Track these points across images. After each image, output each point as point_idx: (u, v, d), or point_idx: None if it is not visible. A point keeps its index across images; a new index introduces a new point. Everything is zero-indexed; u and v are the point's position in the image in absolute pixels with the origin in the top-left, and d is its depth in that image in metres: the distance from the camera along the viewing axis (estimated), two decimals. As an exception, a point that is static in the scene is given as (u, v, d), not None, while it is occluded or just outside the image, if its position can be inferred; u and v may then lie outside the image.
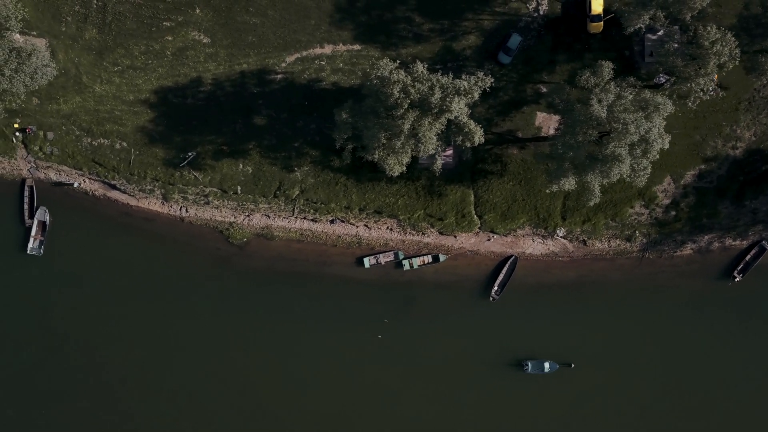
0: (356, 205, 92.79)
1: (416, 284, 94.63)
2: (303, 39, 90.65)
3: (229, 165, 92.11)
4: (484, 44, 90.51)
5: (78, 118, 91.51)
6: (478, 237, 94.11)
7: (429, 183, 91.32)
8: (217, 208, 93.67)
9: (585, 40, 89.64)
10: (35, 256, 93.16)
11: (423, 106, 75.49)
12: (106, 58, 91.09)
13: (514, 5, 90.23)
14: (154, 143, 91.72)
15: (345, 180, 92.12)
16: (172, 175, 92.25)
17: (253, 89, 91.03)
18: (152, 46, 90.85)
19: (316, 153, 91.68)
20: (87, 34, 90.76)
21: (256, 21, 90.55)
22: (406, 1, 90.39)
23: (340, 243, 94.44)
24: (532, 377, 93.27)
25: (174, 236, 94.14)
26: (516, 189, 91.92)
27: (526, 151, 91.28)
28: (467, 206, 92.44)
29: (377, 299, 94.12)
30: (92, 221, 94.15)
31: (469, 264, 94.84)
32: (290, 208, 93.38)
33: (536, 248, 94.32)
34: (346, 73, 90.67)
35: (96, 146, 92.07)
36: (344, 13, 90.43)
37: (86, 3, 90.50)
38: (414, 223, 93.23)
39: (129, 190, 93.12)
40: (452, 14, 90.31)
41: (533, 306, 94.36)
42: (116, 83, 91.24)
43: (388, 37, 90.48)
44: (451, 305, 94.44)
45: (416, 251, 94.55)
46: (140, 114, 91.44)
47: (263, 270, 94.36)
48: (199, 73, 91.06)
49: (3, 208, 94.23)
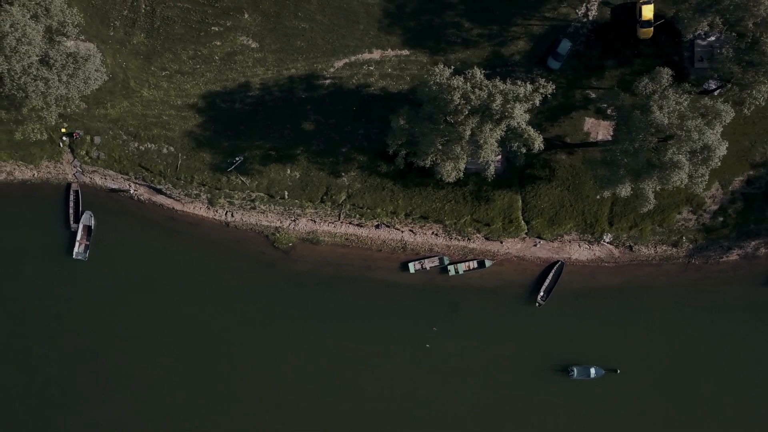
0: (402, 210, 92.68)
1: (461, 290, 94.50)
2: (352, 44, 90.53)
3: (277, 170, 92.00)
4: (532, 49, 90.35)
5: (125, 122, 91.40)
6: (525, 242, 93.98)
7: (477, 188, 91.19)
8: (263, 213, 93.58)
9: (634, 45, 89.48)
10: (81, 260, 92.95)
11: (483, 113, 75.28)
12: (154, 62, 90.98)
13: (563, 10, 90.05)
14: (202, 148, 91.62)
15: (392, 185, 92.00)
16: (219, 179, 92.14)
17: (301, 94, 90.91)
18: (200, 51, 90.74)
19: (364, 158, 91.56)
20: (135, 38, 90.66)
21: (304, 26, 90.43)
22: (455, 6, 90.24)
23: (384, 248, 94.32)
24: (578, 383, 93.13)
25: (219, 241, 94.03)
26: (564, 194, 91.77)
27: (574, 157, 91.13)
28: (515, 211, 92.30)
29: (422, 305, 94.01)
30: (137, 225, 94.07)
31: (515, 269, 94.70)
32: (336, 213, 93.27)
33: (582, 254, 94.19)
34: (394, 78, 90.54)
35: (143, 151, 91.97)
36: (393, 18, 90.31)
37: (135, 8, 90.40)
38: (460, 229, 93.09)
39: (175, 194, 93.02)
40: (501, 19, 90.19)
41: (579, 311, 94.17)
42: (164, 88, 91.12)
43: (437, 42, 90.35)
44: (497, 311, 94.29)
45: (461, 256, 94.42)
46: (188, 119, 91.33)
47: (308, 274, 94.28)
48: (248, 77, 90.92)
49: (48, 213, 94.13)
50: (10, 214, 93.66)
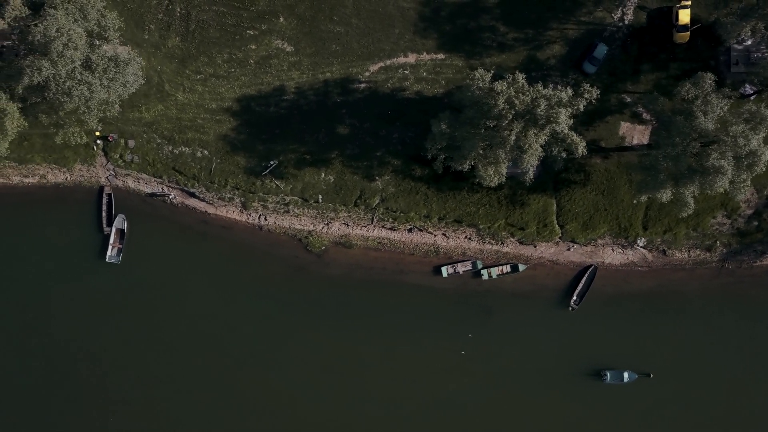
0: (436, 214, 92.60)
1: (494, 294, 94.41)
2: (387, 48, 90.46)
3: (311, 174, 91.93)
4: (568, 53, 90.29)
5: (160, 126, 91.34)
6: (558, 246, 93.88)
7: (511, 192, 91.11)
8: (297, 217, 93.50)
9: (670, 49, 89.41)
10: (114, 264, 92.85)
11: (527, 118, 75.22)
12: (189, 66, 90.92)
13: (599, 14, 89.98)
14: (236, 151, 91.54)
15: (426, 189, 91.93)
16: (253, 183, 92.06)
17: (336, 98, 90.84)
18: (235, 55, 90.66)
19: (398, 162, 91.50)
20: (170, 42, 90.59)
21: (340, 30, 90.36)
22: (491, 10, 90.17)
23: (417, 252, 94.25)
24: (611, 387, 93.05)
25: (252, 244, 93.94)
26: (598, 198, 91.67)
27: (609, 161, 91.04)
28: (549, 216, 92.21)
29: (455, 309, 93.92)
30: (170, 229, 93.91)
31: (548, 274, 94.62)
32: (369, 217, 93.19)
33: (616, 258, 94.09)
34: (429, 82, 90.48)
35: (177, 154, 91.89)
36: (428, 22, 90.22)
37: (170, 11, 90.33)
38: (494, 233, 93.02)
39: (208, 198, 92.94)
40: (537, 23, 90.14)
41: (612, 316, 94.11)
42: (199, 91, 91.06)
43: (473, 45, 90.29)
44: (530, 315, 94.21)
45: (495, 261, 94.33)
46: (222, 122, 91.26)
47: (341, 278, 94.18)
48: (283, 81, 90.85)
49: (81, 216, 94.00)
50: (43, 217, 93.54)
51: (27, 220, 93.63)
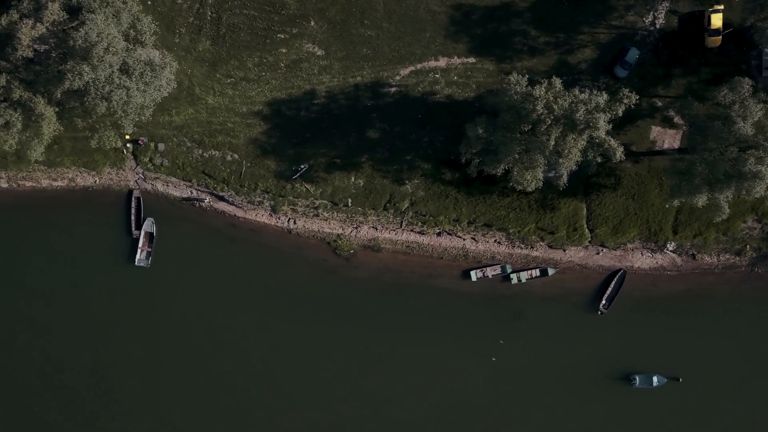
0: (465, 217, 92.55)
1: (523, 298, 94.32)
2: (418, 52, 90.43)
3: (341, 178, 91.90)
4: (599, 57, 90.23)
5: (190, 129, 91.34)
6: (588, 251, 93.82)
7: (542, 196, 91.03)
8: (326, 220, 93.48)
9: (701, 54, 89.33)
10: (143, 267, 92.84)
11: (566, 123, 75.15)
12: (219, 69, 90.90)
13: (630, 19, 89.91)
14: (266, 155, 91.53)
15: (456, 193, 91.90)
16: (283, 187, 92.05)
17: (366, 102, 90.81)
18: (266, 58, 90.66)
19: (428, 166, 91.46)
20: (200, 45, 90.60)
21: (370, 33, 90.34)
22: (522, 14, 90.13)
23: (446, 255, 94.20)
24: (640, 391, 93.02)
25: (281, 247, 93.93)
26: (628, 203, 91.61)
27: (639, 165, 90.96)
28: (579, 220, 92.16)
29: (484, 313, 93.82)
30: (198, 232, 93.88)
31: (577, 278, 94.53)
32: (398, 221, 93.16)
33: (645, 262, 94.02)
34: (460, 86, 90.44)
35: (207, 158, 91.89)
36: (459, 25, 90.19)
37: (200, 15, 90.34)
38: (524, 237, 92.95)
39: (237, 201, 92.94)
40: (567, 27, 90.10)
41: (641, 320, 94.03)
42: (229, 95, 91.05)
43: (503, 49, 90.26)
44: (559, 319, 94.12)
45: (524, 265, 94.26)
46: (253, 126, 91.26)
47: (369, 282, 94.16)
48: (313, 85, 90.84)
49: (110, 220, 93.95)
50: (72, 220, 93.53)
51: (56, 223, 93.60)
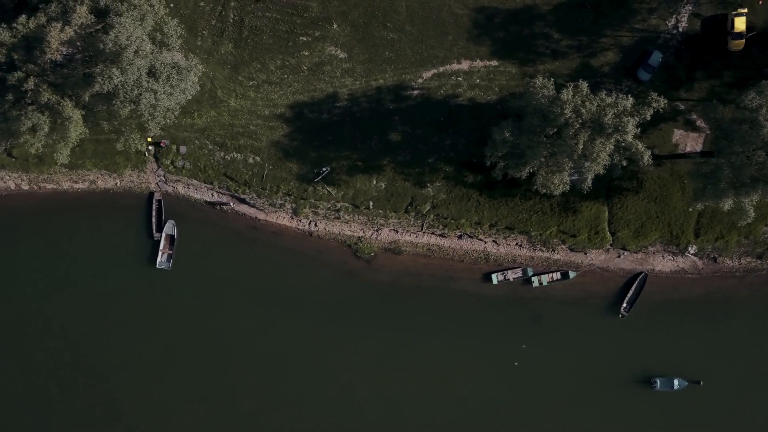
0: (487, 220, 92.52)
1: (544, 301, 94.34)
2: (440, 55, 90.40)
3: (363, 180, 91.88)
4: (622, 61, 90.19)
5: (212, 132, 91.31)
6: (609, 254, 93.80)
7: (564, 199, 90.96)
8: (347, 223, 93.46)
9: (724, 57, 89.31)
10: (164, 270, 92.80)
11: (594, 126, 75.13)
12: (242, 72, 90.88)
13: (653, 22, 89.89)
14: (289, 158, 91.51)
15: (478, 196, 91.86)
16: (305, 190, 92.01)
17: (389, 105, 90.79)
18: (288, 61, 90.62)
19: (450, 169, 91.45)
20: (223, 48, 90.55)
21: (393, 36, 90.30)
22: (544, 17, 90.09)
23: (467, 258, 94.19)
24: (661, 394, 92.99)
25: (302, 250, 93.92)
26: (650, 206, 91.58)
27: (662, 168, 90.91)
28: (601, 223, 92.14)
29: (505, 316, 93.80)
30: (219, 235, 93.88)
31: (598, 281, 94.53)
32: (419, 223, 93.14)
33: (666, 265, 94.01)
34: (483, 89, 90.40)
35: (228, 160, 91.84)
36: (482, 29, 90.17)
37: (223, 17, 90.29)
38: (545, 240, 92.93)
39: (258, 204, 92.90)
40: (590, 30, 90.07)
41: (662, 323, 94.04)
42: (251, 98, 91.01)
43: (526, 52, 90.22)
44: (580, 322, 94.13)
45: (545, 268, 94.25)
46: (275, 129, 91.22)
47: (390, 284, 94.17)
48: (335, 88, 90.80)
49: (131, 222, 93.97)
50: (92, 223, 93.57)
51: (77, 226, 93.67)
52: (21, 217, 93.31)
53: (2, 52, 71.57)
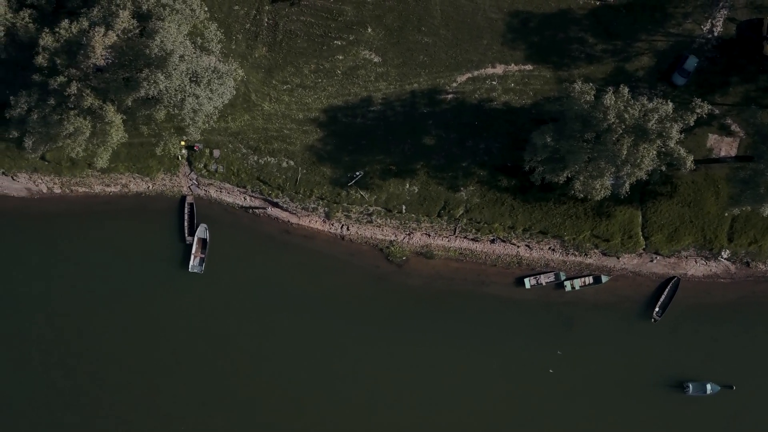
0: (521, 225, 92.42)
1: (576, 305, 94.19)
2: (474, 59, 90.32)
3: (396, 184, 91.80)
4: (656, 65, 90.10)
5: (246, 136, 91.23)
6: (641, 258, 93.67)
7: (598, 204, 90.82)
8: (379, 227, 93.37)
9: (760, 61, 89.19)
10: (197, 273, 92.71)
11: (637, 132, 75.02)
12: (276, 76, 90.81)
13: (688, 26, 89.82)
14: (322, 162, 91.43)
15: (511, 200, 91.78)
16: (339, 194, 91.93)
17: (423, 109, 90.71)
18: (323, 65, 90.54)
19: (484, 173, 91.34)
20: (257, 52, 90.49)
21: (428, 40, 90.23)
22: (579, 22, 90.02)
23: (499, 263, 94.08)
24: (693, 399, 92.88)
25: (333, 254, 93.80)
26: (684, 210, 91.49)
27: (696, 173, 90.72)
28: (635, 227, 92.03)
29: (538, 320, 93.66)
30: (251, 238, 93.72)
31: (630, 285, 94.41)
32: (452, 227, 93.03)
33: (699, 270, 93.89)
34: (517, 93, 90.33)
35: (262, 164, 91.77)
36: (516, 33, 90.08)
37: (257, 21, 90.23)
38: (578, 244, 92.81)
39: (291, 207, 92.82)
40: (625, 35, 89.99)
41: (694, 327, 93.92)
42: (285, 102, 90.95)
43: (561, 57, 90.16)
44: (612, 327, 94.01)
45: (577, 272, 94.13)
46: (309, 133, 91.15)
47: (421, 288, 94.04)
48: (370, 92, 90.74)
49: (163, 226, 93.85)
50: (124, 226, 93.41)
51: (109, 229, 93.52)
52: (53, 221, 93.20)
53: (45, 56, 71.36)
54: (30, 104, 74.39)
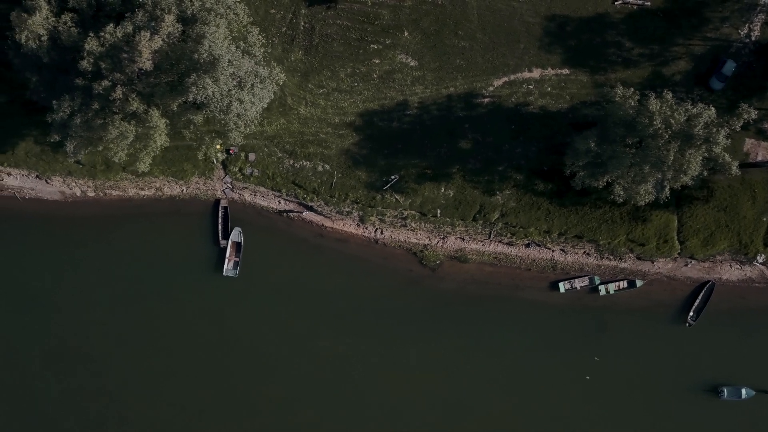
0: (557, 229, 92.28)
1: (610, 309, 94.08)
2: (511, 63, 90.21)
3: (431, 188, 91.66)
4: (693, 69, 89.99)
5: (282, 140, 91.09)
6: (676, 262, 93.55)
7: (634, 208, 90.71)
8: (414, 231, 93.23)
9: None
10: (231, 277, 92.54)
11: (682, 137, 74.90)
12: (312, 80, 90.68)
13: (725, 30, 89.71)
14: (358, 166, 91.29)
15: (548, 204, 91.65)
16: (374, 198, 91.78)
17: (459, 113, 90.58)
18: (359, 69, 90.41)
19: (520, 177, 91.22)
20: (293, 55, 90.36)
21: (464, 44, 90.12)
22: (616, 26, 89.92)
23: (534, 267, 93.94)
24: (728, 404, 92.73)
25: (367, 258, 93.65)
26: (720, 215, 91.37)
27: (732, 177, 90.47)
28: (670, 232, 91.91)
29: (572, 325, 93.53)
30: (285, 242, 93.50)
31: (665, 289, 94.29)
32: (486, 232, 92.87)
33: (733, 274, 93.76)
34: (554, 97, 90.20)
35: (297, 168, 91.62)
36: (553, 37, 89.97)
37: (293, 25, 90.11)
38: (613, 248, 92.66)
39: (326, 211, 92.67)
40: (662, 39, 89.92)
41: (729, 332, 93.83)
42: (321, 105, 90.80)
43: (597, 61, 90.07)
44: (646, 331, 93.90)
45: (611, 276, 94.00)
46: (345, 137, 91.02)
47: (455, 292, 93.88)
48: (406, 96, 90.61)
49: (197, 229, 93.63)
50: (158, 229, 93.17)
51: (142, 233, 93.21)
52: (86, 224, 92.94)
53: (90, 60, 71.21)
54: (73, 108, 74.18)
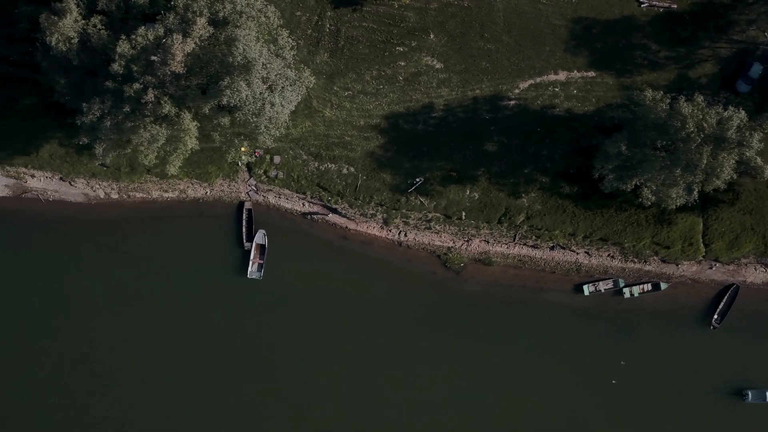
0: (582, 232, 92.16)
1: (634, 312, 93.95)
2: (537, 65, 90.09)
3: (456, 191, 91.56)
4: (719, 72, 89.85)
5: (307, 142, 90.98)
6: (701, 265, 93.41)
7: (659, 211, 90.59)
8: (438, 233, 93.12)
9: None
10: (255, 280, 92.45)
11: (715, 140, 74.79)
12: (337, 82, 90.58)
13: (751, 33, 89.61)
14: (382, 168, 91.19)
15: (573, 207, 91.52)
16: (398, 200, 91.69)
17: (484, 115, 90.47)
18: (384, 71, 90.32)
19: (546, 179, 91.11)
20: (318, 58, 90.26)
21: (490, 47, 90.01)
22: (642, 28, 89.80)
23: (558, 270, 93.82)
24: (753, 406, 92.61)
25: (390, 260, 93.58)
26: (746, 218, 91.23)
27: (758, 180, 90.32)
28: (695, 234, 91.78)
29: (597, 328, 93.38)
30: (309, 244, 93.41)
31: (689, 292, 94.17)
32: (511, 234, 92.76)
33: (758, 277, 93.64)
34: (580, 99, 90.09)
35: (322, 171, 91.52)
36: (579, 39, 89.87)
37: (319, 27, 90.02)
38: (638, 251, 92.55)
39: (350, 214, 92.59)
40: (688, 42, 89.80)
41: (754, 334, 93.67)
42: (347, 108, 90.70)
43: (624, 63, 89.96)
44: (670, 334, 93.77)
45: (636, 279, 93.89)
46: (370, 139, 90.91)
47: (479, 295, 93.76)
48: (431, 98, 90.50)
49: (221, 232, 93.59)
50: (182, 232, 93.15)
51: (166, 235, 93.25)
52: (110, 226, 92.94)
53: (121, 63, 71.11)
54: (103, 111, 74.07)
